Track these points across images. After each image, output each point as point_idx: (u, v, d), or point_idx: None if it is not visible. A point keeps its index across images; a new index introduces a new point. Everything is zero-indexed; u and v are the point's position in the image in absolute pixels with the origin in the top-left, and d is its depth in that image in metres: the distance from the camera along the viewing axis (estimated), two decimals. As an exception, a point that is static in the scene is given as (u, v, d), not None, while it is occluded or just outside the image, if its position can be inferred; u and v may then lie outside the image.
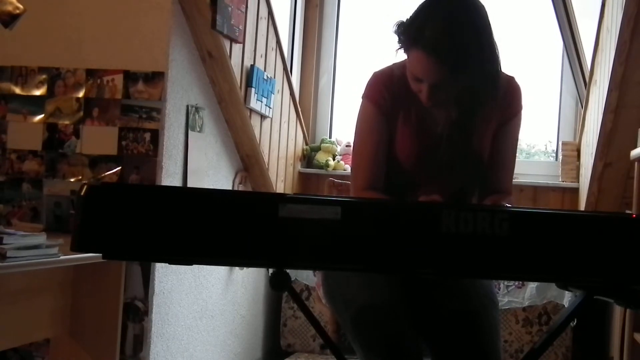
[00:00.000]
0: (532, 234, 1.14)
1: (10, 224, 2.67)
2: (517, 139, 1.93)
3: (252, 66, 3.30)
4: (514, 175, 1.98)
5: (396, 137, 1.82)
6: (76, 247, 1.15)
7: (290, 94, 3.97)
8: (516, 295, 3.76)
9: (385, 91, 1.80)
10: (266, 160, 3.58)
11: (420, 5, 1.71)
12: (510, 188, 1.90)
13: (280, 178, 3.86)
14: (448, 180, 1.82)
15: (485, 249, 1.13)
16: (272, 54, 3.61)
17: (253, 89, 3.28)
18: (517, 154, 1.96)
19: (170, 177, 2.83)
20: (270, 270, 1.23)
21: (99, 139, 2.79)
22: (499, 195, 1.80)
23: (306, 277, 3.87)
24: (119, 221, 1.14)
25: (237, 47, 3.13)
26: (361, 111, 1.86)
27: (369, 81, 1.85)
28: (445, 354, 1.73)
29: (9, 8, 2.30)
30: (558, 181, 4.01)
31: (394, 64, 1.84)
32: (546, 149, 4.45)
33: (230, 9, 2.97)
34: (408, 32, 1.68)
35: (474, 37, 1.66)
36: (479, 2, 1.71)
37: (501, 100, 1.81)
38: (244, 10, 3.15)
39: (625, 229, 1.14)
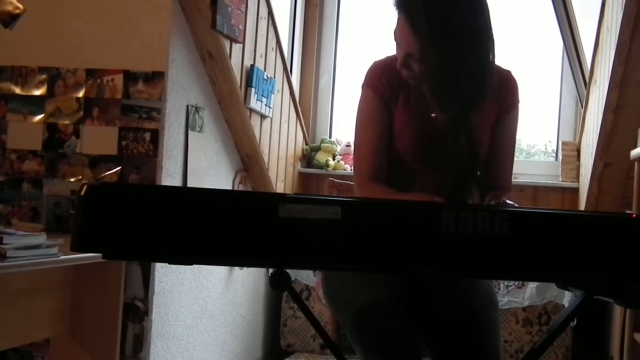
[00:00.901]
0: (532, 234, 1.14)
1: (10, 224, 2.67)
2: (514, 134, 1.92)
3: (252, 66, 3.30)
4: (514, 175, 1.97)
5: (395, 128, 1.82)
6: (76, 247, 1.15)
7: (290, 93, 3.97)
8: (516, 295, 3.76)
9: (385, 79, 1.81)
10: (266, 160, 3.58)
11: None
12: (509, 184, 1.90)
13: (280, 178, 3.86)
14: (445, 174, 1.81)
15: (485, 249, 1.13)
16: (272, 54, 3.61)
17: (253, 89, 3.28)
18: (517, 154, 1.96)
19: (170, 177, 2.83)
20: (270, 270, 1.23)
21: (99, 139, 2.79)
22: (498, 191, 1.80)
23: (306, 277, 3.87)
24: (119, 221, 1.14)
25: (237, 47, 3.13)
26: (361, 100, 1.86)
27: (368, 70, 1.86)
28: (445, 354, 1.73)
29: (9, 8, 2.30)
30: (558, 181, 4.02)
31: (393, 54, 1.85)
32: (546, 149, 4.45)
33: (230, 9, 2.97)
34: None
35: (458, 19, 1.65)
36: None
37: (497, 94, 1.81)
38: (244, 10, 3.15)
39: (625, 229, 1.14)
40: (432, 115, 1.81)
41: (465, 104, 1.75)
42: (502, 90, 1.83)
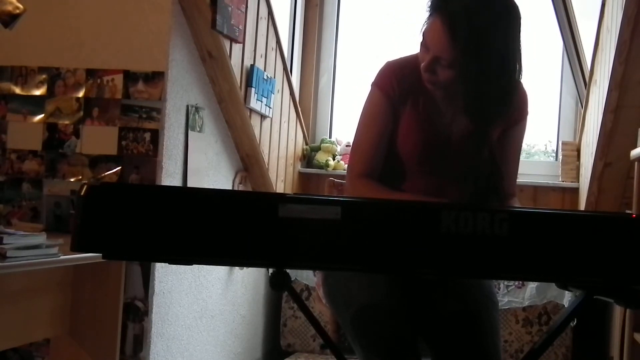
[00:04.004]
0: (532, 234, 1.14)
1: (10, 224, 2.67)
2: (520, 145, 1.92)
3: (252, 66, 3.30)
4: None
5: (399, 130, 1.81)
6: (76, 247, 1.15)
7: (290, 93, 3.97)
8: (516, 295, 3.76)
9: (396, 81, 1.79)
10: (266, 160, 3.58)
11: None
12: (514, 192, 1.89)
13: (280, 178, 3.86)
14: (459, 185, 1.80)
15: (485, 249, 1.13)
16: (272, 54, 3.61)
17: (253, 89, 3.28)
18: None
19: (170, 177, 2.83)
20: (270, 270, 1.23)
21: (99, 138, 2.79)
22: (507, 201, 1.80)
23: (306, 277, 3.87)
24: (119, 221, 1.14)
25: (237, 47, 3.13)
26: (369, 98, 1.84)
27: (380, 69, 1.84)
28: (446, 354, 1.73)
29: (9, 8, 2.30)
30: (558, 181, 4.01)
31: (408, 55, 1.84)
32: (546, 149, 4.45)
33: (230, 9, 2.97)
34: None
35: (495, 28, 1.64)
36: (515, 3, 1.70)
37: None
38: (244, 10, 3.15)
39: (625, 229, 1.14)
40: (444, 127, 1.80)
41: (490, 117, 1.74)
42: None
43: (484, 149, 1.76)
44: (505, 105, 1.73)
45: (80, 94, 2.81)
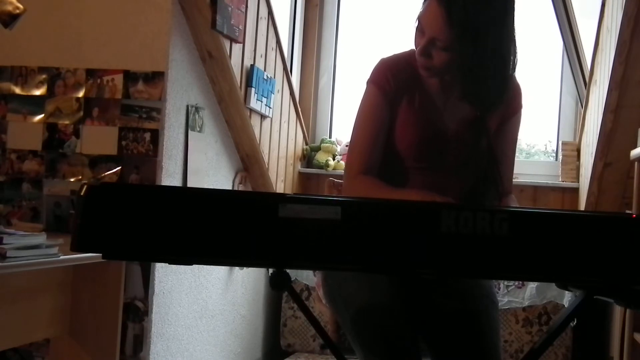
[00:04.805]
0: (532, 234, 1.14)
1: (10, 224, 2.67)
2: (516, 139, 1.92)
3: (252, 66, 3.30)
4: (514, 175, 1.97)
5: (396, 126, 1.81)
6: (76, 247, 1.15)
7: (290, 93, 3.97)
8: (516, 295, 3.76)
9: (391, 77, 1.79)
10: (266, 160, 3.58)
11: None
12: (510, 187, 1.89)
13: (280, 178, 3.86)
14: (458, 179, 1.81)
15: (485, 249, 1.13)
16: (272, 54, 3.61)
17: (253, 89, 3.28)
18: (517, 154, 1.95)
19: (170, 177, 2.83)
20: (270, 270, 1.23)
21: (99, 138, 2.79)
22: (504, 199, 1.80)
23: (306, 277, 3.87)
24: (119, 221, 1.14)
25: (237, 47, 3.13)
26: (365, 95, 1.84)
27: (375, 66, 1.84)
28: (445, 354, 1.73)
29: (9, 8, 2.30)
30: (558, 181, 4.02)
31: (402, 52, 1.84)
32: (546, 149, 4.45)
33: (230, 9, 2.97)
34: None
35: (491, 9, 1.63)
36: None
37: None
38: (244, 10, 3.15)
39: (625, 229, 1.14)
40: (441, 121, 1.80)
41: (488, 99, 1.73)
42: (507, 95, 1.83)
43: (482, 139, 1.76)
44: (503, 86, 1.73)
45: (80, 94, 2.81)
